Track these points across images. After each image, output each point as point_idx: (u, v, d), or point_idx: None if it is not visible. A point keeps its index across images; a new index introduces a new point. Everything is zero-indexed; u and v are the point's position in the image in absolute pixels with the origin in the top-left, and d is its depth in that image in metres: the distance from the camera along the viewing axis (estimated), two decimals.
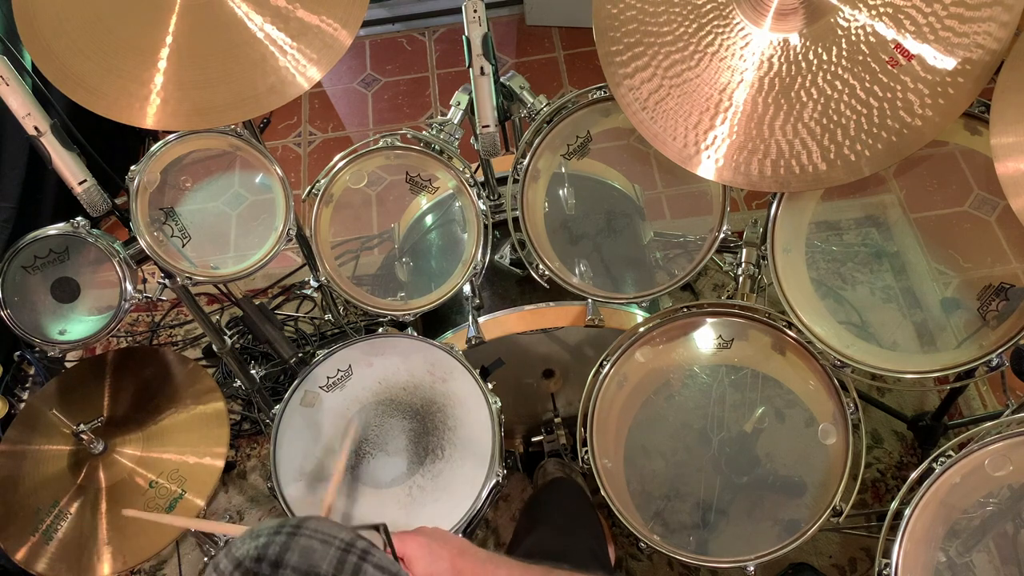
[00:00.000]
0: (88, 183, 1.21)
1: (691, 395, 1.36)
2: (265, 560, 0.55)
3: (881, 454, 1.93)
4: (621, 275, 1.56)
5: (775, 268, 1.33)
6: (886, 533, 1.14)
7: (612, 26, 1.24)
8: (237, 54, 1.19)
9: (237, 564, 0.55)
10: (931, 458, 1.15)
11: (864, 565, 1.78)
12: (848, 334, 1.34)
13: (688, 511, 1.29)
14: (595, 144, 1.42)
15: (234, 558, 0.56)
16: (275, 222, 1.38)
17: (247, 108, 1.20)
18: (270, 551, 0.56)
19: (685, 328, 1.40)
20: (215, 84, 1.19)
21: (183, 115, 1.19)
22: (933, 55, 1.08)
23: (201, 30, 1.19)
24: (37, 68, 1.17)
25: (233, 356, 1.73)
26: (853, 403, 1.29)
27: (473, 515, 1.26)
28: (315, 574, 0.55)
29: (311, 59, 1.19)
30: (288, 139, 2.79)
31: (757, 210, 2.34)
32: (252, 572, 0.55)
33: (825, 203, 1.35)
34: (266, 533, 0.58)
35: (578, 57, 2.86)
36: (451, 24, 3.05)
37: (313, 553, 0.56)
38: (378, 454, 1.33)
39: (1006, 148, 1.03)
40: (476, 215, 1.41)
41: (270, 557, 0.55)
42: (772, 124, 1.18)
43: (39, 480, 1.38)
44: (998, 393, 1.97)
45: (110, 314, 1.34)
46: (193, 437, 1.42)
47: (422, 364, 1.41)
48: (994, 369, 1.20)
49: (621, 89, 1.26)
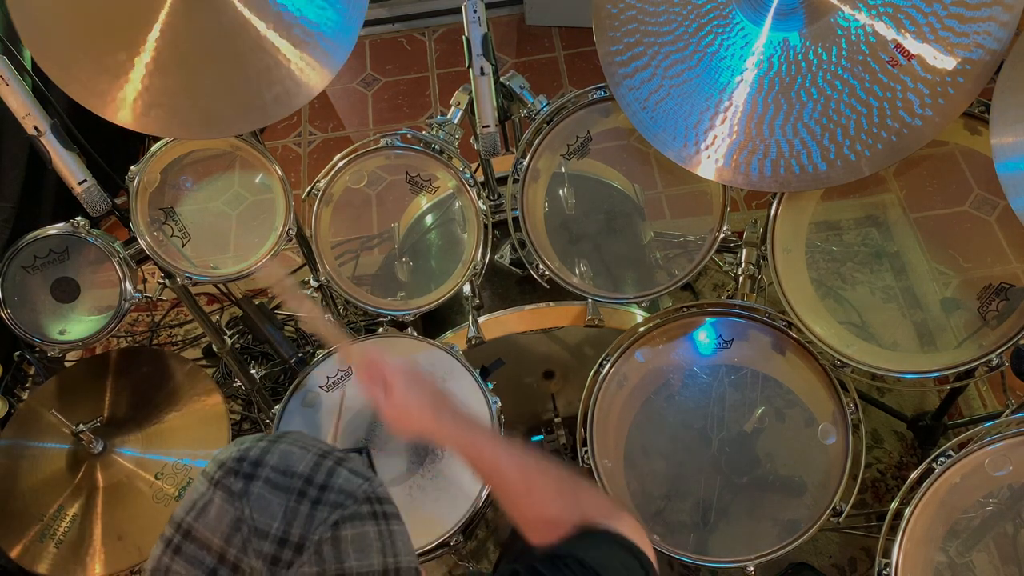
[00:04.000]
0: (88, 183, 1.21)
1: (691, 395, 1.36)
2: (247, 460, 0.59)
3: (881, 454, 1.93)
4: (621, 275, 1.56)
5: (775, 268, 1.32)
6: (886, 533, 1.14)
7: (612, 26, 1.24)
8: (243, 62, 1.19)
9: (220, 464, 0.59)
10: (931, 458, 1.15)
11: (864, 565, 1.78)
12: (848, 334, 1.34)
13: (688, 511, 1.29)
14: (595, 144, 1.42)
15: (218, 461, 0.60)
16: (275, 222, 1.38)
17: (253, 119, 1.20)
18: (251, 453, 0.60)
19: (685, 328, 1.40)
20: (221, 94, 1.19)
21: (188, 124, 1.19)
22: (933, 55, 1.08)
23: (205, 39, 1.19)
24: (37, 68, 1.17)
25: (233, 356, 1.73)
26: (853, 403, 1.29)
27: (473, 515, 1.26)
28: (292, 472, 0.59)
29: (314, 67, 1.19)
30: (288, 139, 2.79)
31: (757, 210, 2.34)
32: (234, 471, 0.59)
33: (825, 203, 1.35)
34: (250, 440, 0.62)
35: (578, 57, 2.86)
36: (451, 24, 3.05)
37: (292, 455, 0.60)
38: (377, 454, 1.33)
39: (1006, 148, 1.03)
40: (476, 215, 1.41)
41: (251, 458, 0.60)
42: (772, 124, 1.18)
43: (38, 479, 1.38)
44: (998, 393, 1.97)
45: (110, 314, 1.34)
46: (193, 437, 1.42)
47: (422, 364, 1.41)
48: (994, 369, 1.20)
49: (621, 89, 1.26)
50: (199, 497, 0.58)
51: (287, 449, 0.60)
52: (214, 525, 0.57)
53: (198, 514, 0.58)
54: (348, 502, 0.59)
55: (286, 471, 0.59)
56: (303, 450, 0.61)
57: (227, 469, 0.59)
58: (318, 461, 0.60)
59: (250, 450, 0.60)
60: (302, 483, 0.58)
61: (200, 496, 0.58)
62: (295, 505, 0.57)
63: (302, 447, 0.61)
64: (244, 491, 0.57)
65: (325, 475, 0.59)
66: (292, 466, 0.59)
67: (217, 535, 0.56)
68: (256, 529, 0.56)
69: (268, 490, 0.58)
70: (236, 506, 0.57)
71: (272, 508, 0.57)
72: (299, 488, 0.58)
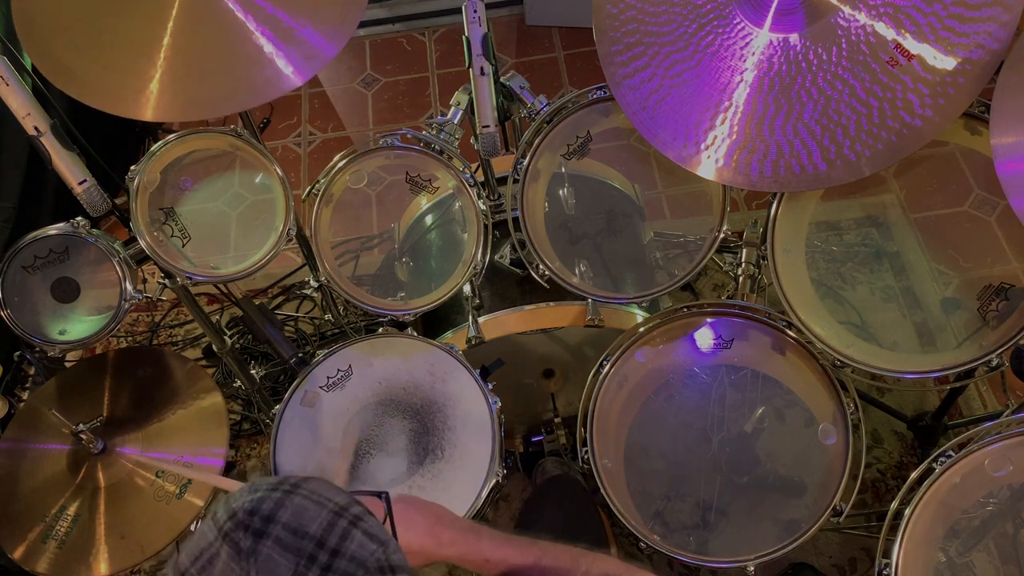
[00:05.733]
0: (88, 183, 1.21)
1: (691, 395, 1.36)
2: (258, 514, 0.57)
3: (881, 454, 1.93)
4: (621, 275, 1.56)
5: (775, 268, 1.32)
6: (886, 533, 1.14)
7: (612, 26, 1.24)
8: (233, 49, 1.20)
9: (232, 515, 0.57)
10: (931, 458, 1.15)
11: (864, 565, 1.78)
12: (848, 334, 1.34)
13: (688, 511, 1.29)
14: (595, 144, 1.42)
15: (230, 509, 0.58)
16: (275, 222, 1.38)
17: (243, 100, 1.21)
18: (264, 507, 0.57)
19: (685, 328, 1.40)
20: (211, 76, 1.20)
21: (179, 107, 1.20)
22: (933, 55, 1.08)
23: (198, 25, 1.20)
24: (37, 68, 1.17)
25: (233, 356, 1.73)
26: (853, 403, 1.29)
27: (473, 515, 1.26)
28: (304, 533, 0.56)
29: (306, 55, 1.20)
30: (288, 139, 2.79)
31: (757, 210, 2.34)
32: (244, 525, 0.56)
33: (825, 203, 1.35)
34: (264, 488, 0.59)
35: (578, 57, 2.86)
36: (451, 24, 3.05)
37: (305, 513, 0.58)
38: (378, 454, 1.33)
39: (1006, 148, 1.03)
40: (476, 215, 1.41)
41: (263, 512, 0.57)
42: (772, 124, 1.18)
43: (38, 479, 1.38)
44: (998, 393, 1.97)
45: (110, 314, 1.34)
46: (193, 437, 1.42)
47: (422, 364, 1.41)
48: (994, 369, 1.20)
49: (621, 89, 1.26)
50: (207, 546, 0.57)
51: (301, 505, 0.58)
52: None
53: (203, 567, 0.56)
54: (359, 572, 0.57)
55: (297, 531, 0.57)
56: (318, 506, 0.59)
57: (237, 522, 0.57)
58: (332, 520, 0.58)
59: (264, 501, 0.58)
60: (313, 546, 0.56)
61: (208, 546, 0.57)
62: (303, 571, 0.55)
63: (317, 502, 0.59)
64: (252, 550, 0.56)
65: (338, 539, 0.57)
66: (304, 525, 0.57)
67: None
68: None
69: (277, 551, 0.56)
70: (242, 566, 0.55)
71: (279, 572, 0.55)
72: (309, 552, 0.56)
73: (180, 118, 1.28)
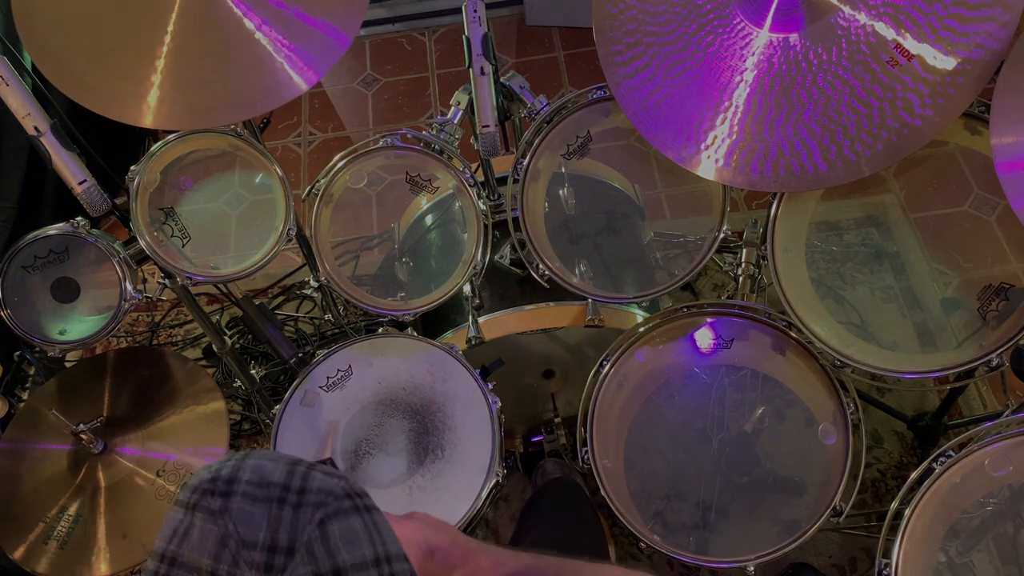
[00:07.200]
0: (88, 183, 1.21)
1: (691, 395, 1.36)
2: (220, 479, 0.59)
3: (881, 454, 1.93)
4: (621, 275, 1.56)
5: (775, 268, 1.32)
6: (886, 533, 1.14)
7: (612, 26, 1.24)
8: (234, 55, 1.19)
9: (194, 490, 0.59)
10: (931, 458, 1.15)
11: (864, 565, 1.78)
12: (848, 334, 1.34)
13: (688, 511, 1.29)
14: (595, 144, 1.42)
15: (191, 487, 0.60)
16: (275, 222, 1.38)
17: (244, 109, 1.20)
18: (223, 472, 0.60)
19: (685, 328, 1.40)
20: (212, 84, 1.19)
21: (179, 115, 1.19)
22: (933, 55, 1.08)
23: (199, 30, 1.19)
24: (37, 68, 1.17)
25: (233, 356, 1.73)
26: (853, 403, 1.29)
27: (473, 515, 1.26)
28: (268, 483, 0.59)
29: (308, 61, 1.19)
30: (288, 139, 2.79)
31: (757, 210, 2.34)
32: (209, 491, 0.58)
33: (825, 203, 1.35)
34: (218, 461, 0.62)
35: (578, 57, 2.86)
36: (451, 24, 3.05)
37: (263, 468, 0.60)
38: (378, 454, 1.33)
39: (1006, 148, 1.03)
40: (476, 215, 1.41)
41: (224, 476, 0.59)
42: (772, 124, 1.18)
43: (38, 480, 1.38)
44: (998, 393, 1.97)
45: (110, 314, 1.34)
46: (193, 437, 1.42)
47: (422, 364, 1.41)
48: (994, 369, 1.20)
49: (621, 89, 1.26)
50: (178, 524, 0.58)
51: (257, 463, 0.61)
52: (200, 547, 0.57)
53: (181, 540, 0.57)
54: (329, 500, 0.59)
55: (261, 482, 0.59)
56: (274, 462, 0.61)
57: (202, 491, 0.58)
58: (291, 469, 0.60)
59: (220, 470, 0.60)
60: (280, 491, 0.59)
61: (179, 523, 0.58)
62: (277, 512, 0.58)
63: (272, 459, 0.62)
64: (224, 508, 0.57)
65: (301, 480, 0.60)
66: (266, 476, 0.59)
67: (205, 555, 0.56)
68: (244, 541, 0.56)
69: (248, 503, 0.58)
70: (219, 524, 0.57)
71: (255, 519, 0.57)
72: (278, 496, 0.58)
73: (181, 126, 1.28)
